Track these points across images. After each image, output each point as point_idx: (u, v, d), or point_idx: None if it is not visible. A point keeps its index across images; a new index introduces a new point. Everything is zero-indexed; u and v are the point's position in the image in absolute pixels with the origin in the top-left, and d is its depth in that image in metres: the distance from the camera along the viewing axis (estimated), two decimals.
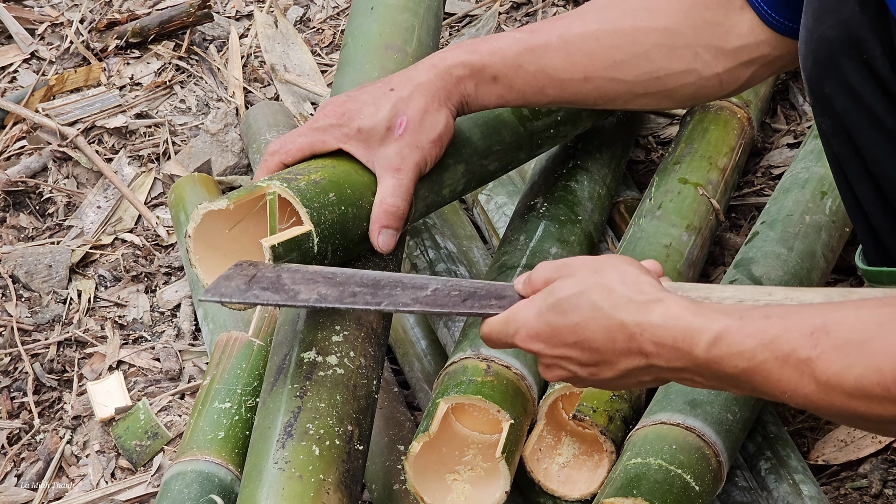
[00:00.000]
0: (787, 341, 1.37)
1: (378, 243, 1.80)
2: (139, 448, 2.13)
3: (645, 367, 1.48)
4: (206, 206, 1.72)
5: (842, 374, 1.34)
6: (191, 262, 1.74)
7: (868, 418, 1.35)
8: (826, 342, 1.35)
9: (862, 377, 1.33)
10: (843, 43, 1.50)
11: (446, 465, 1.83)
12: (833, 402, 1.36)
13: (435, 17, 2.21)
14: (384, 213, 1.78)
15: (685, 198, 2.09)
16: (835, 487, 1.97)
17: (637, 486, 1.71)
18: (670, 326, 1.44)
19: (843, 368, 1.34)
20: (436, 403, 1.80)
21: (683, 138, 2.20)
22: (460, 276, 2.16)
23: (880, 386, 1.32)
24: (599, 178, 2.12)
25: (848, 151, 1.56)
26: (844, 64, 1.51)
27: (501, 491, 1.78)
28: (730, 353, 1.41)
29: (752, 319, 1.41)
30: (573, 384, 1.57)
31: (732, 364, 1.41)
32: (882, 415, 1.34)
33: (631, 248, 2.03)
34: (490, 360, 1.84)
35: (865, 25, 1.48)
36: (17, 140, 2.67)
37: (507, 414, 1.79)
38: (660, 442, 1.77)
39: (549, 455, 1.87)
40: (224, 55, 2.79)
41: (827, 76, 1.53)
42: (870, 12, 1.48)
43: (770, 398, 1.42)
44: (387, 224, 1.79)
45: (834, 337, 1.35)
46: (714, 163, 2.14)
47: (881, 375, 1.32)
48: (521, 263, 1.98)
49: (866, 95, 1.50)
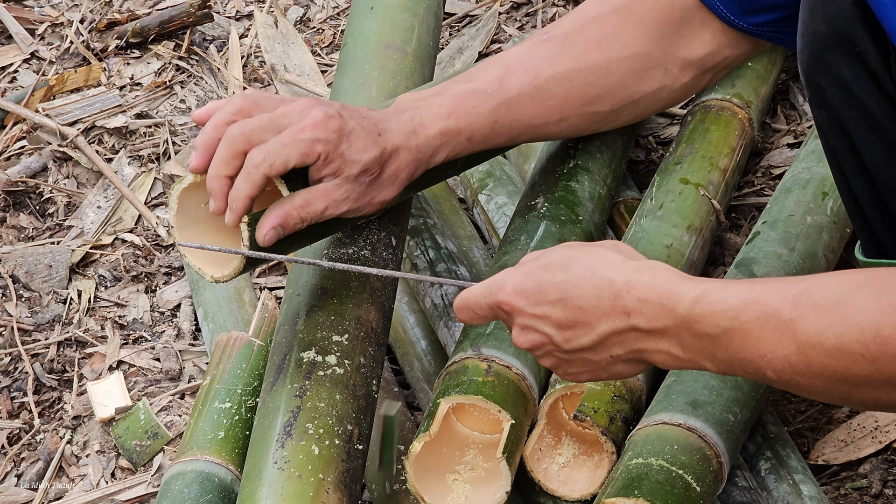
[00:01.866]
0: (769, 302, 1.39)
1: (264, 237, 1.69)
2: (139, 448, 2.13)
3: (624, 330, 1.48)
4: (177, 188, 1.71)
5: (822, 333, 1.36)
6: (177, 248, 1.73)
7: (846, 380, 1.37)
8: (807, 303, 1.37)
9: (841, 335, 1.35)
10: (834, 37, 1.51)
11: (447, 465, 1.83)
12: (812, 363, 1.37)
13: (435, 17, 2.21)
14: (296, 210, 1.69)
15: (686, 198, 2.09)
16: (835, 487, 1.97)
17: (639, 486, 1.70)
18: (657, 285, 1.47)
19: (824, 328, 1.36)
20: (436, 403, 1.80)
21: (684, 138, 2.20)
22: (461, 276, 2.16)
23: (859, 343, 1.34)
24: (600, 178, 2.12)
25: (843, 145, 1.56)
26: (836, 58, 1.51)
27: (502, 491, 1.77)
28: (712, 311, 1.42)
29: (735, 283, 1.44)
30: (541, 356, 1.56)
31: (714, 323, 1.42)
32: (859, 375, 1.36)
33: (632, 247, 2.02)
34: (491, 360, 1.84)
35: (857, 20, 1.49)
36: (17, 140, 2.67)
37: (508, 414, 1.79)
38: (661, 442, 1.77)
39: (550, 455, 1.87)
40: (224, 55, 2.79)
41: (820, 70, 1.54)
42: (862, 7, 1.48)
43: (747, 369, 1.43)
44: (284, 224, 1.69)
45: (814, 298, 1.37)
46: (715, 163, 2.14)
47: (860, 333, 1.34)
48: None
49: (858, 90, 1.51)
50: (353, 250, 1.89)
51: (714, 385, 1.83)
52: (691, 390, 1.82)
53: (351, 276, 1.87)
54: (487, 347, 1.85)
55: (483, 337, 1.87)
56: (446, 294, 2.12)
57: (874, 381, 1.36)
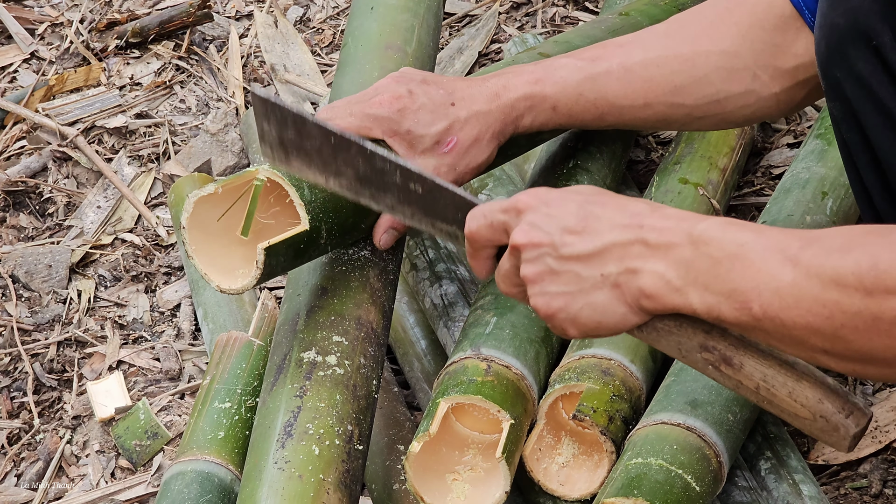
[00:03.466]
0: (781, 240, 1.42)
1: (380, 242, 1.84)
2: (139, 448, 2.13)
3: (630, 242, 1.47)
4: (196, 193, 1.72)
5: (822, 265, 1.38)
6: (188, 253, 1.74)
7: (832, 319, 1.38)
8: (816, 243, 1.41)
9: (839, 267, 1.37)
10: (851, 30, 1.51)
11: (446, 465, 1.83)
12: (803, 296, 1.39)
13: (435, 16, 2.21)
14: None
15: (685, 198, 2.09)
16: (835, 487, 1.97)
17: (638, 486, 1.71)
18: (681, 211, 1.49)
19: (824, 261, 1.38)
20: (436, 403, 1.80)
21: (684, 138, 2.20)
22: (460, 276, 2.16)
23: (855, 275, 1.36)
24: (600, 178, 2.12)
25: (857, 138, 1.57)
26: (853, 51, 1.52)
27: (501, 491, 1.78)
28: (723, 236, 1.44)
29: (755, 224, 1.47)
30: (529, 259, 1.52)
31: (721, 247, 1.43)
32: (848, 311, 1.37)
33: None
34: (490, 360, 1.84)
35: (876, 13, 1.49)
36: (17, 140, 2.67)
37: (508, 414, 1.79)
38: (661, 442, 1.77)
39: (549, 455, 1.87)
40: (224, 55, 2.79)
41: (837, 62, 1.54)
42: (881, 1, 1.49)
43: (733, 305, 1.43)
44: (395, 225, 1.83)
45: (823, 241, 1.41)
46: (714, 163, 2.14)
47: (857, 265, 1.36)
48: None
49: (874, 83, 1.51)
50: (353, 250, 1.89)
51: (714, 385, 1.83)
52: (691, 390, 1.82)
53: (351, 276, 1.87)
54: (487, 347, 1.85)
55: (483, 337, 1.87)
56: (446, 294, 2.12)
57: (861, 322, 1.37)
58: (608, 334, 1.52)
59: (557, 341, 1.95)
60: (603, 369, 1.86)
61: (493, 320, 1.89)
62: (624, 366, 1.87)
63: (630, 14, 2.25)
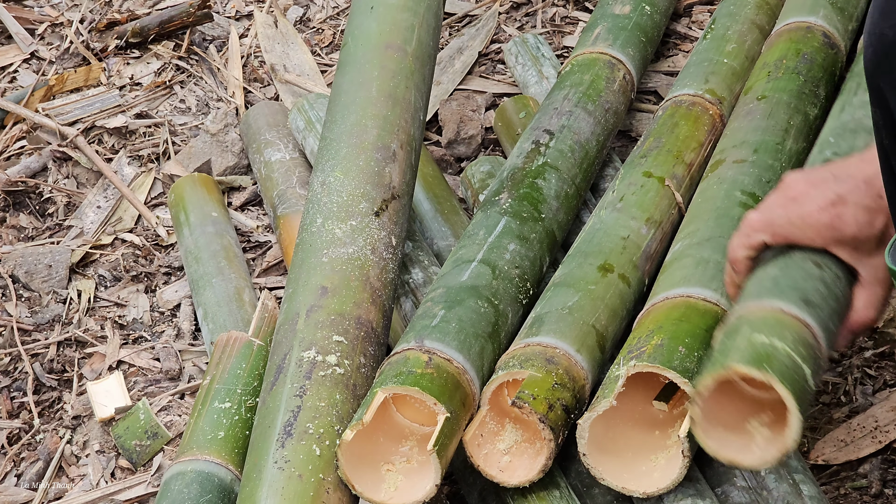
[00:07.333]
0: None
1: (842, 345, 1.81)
2: (139, 448, 2.13)
3: None
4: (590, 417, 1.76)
5: None
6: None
7: None
8: None
9: None
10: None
11: (382, 455, 1.80)
12: None
13: (435, 16, 2.21)
14: (859, 323, 1.78)
15: (648, 191, 2.07)
16: (835, 487, 1.97)
17: (769, 363, 1.64)
18: None
19: None
20: (373, 392, 1.78)
21: (653, 132, 2.18)
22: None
23: None
24: (569, 177, 2.12)
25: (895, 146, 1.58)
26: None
27: (432, 483, 1.75)
28: None
29: None
30: None
31: None
32: None
33: (588, 239, 2.01)
34: (433, 352, 1.81)
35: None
36: (17, 140, 2.67)
37: (444, 407, 1.76)
38: (781, 328, 1.70)
39: (491, 441, 1.84)
40: (224, 55, 2.79)
41: (882, 71, 1.55)
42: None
43: None
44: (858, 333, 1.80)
45: None
46: (681, 157, 2.13)
47: None
48: (476, 258, 1.97)
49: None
50: (353, 250, 1.89)
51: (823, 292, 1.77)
52: (802, 288, 1.76)
53: (351, 276, 1.87)
54: (431, 340, 1.83)
55: (428, 329, 1.85)
56: None
57: None
58: None
59: (505, 337, 1.93)
60: (547, 357, 1.84)
61: (440, 313, 1.87)
62: (569, 355, 1.85)
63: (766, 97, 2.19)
